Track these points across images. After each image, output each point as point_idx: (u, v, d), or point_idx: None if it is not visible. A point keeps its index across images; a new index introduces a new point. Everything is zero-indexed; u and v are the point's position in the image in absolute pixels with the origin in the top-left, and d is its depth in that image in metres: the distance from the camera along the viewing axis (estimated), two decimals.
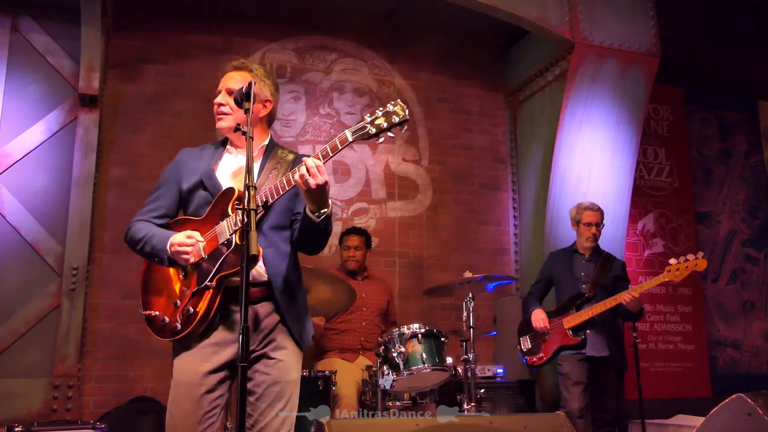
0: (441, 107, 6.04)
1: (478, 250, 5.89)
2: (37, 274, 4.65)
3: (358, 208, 5.64)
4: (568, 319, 4.40)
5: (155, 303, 2.45)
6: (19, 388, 4.45)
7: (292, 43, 5.71)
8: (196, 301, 2.33)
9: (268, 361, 2.37)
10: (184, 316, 2.33)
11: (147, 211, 2.55)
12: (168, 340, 2.37)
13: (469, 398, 3.99)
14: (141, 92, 5.20)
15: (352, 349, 4.51)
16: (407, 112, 2.22)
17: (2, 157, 4.71)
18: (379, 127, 2.20)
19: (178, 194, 2.55)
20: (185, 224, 2.48)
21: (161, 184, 2.59)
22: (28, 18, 4.90)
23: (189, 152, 2.62)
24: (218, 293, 2.31)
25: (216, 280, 2.31)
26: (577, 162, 5.40)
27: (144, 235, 2.45)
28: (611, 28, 5.43)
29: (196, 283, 2.35)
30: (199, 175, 2.50)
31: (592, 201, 4.79)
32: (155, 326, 2.42)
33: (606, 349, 4.37)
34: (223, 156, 2.56)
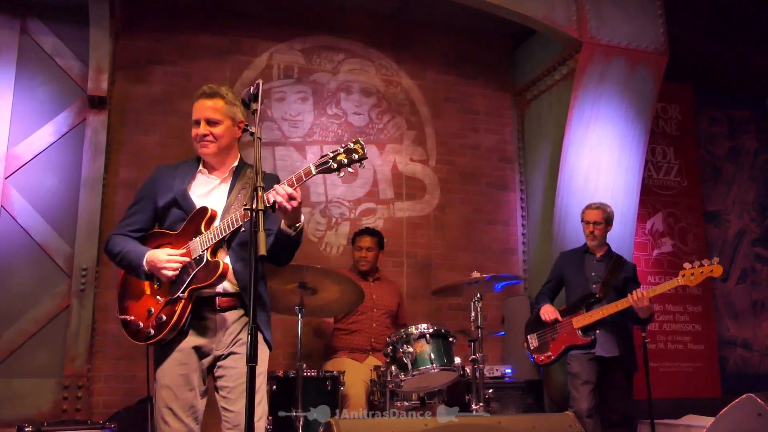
0: (448, 107, 6.03)
1: (486, 250, 5.88)
2: (46, 275, 4.68)
3: (366, 208, 5.64)
4: (578, 318, 4.39)
5: (131, 308, 2.65)
6: (30, 388, 4.48)
7: (300, 43, 5.72)
8: (169, 310, 2.54)
9: (236, 356, 2.57)
10: (157, 323, 2.53)
11: (125, 225, 2.76)
12: (142, 344, 2.58)
13: (477, 398, 3.98)
14: (149, 93, 5.22)
15: (361, 350, 4.52)
16: (366, 150, 2.47)
17: (12, 158, 4.74)
18: (340, 162, 2.44)
19: (154, 210, 2.75)
20: (160, 237, 2.70)
21: (138, 199, 2.79)
22: (36, 20, 4.92)
23: (164, 170, 2.82)
24: (189, 303, 2.53)
25: (188, 292, 2.53)
26: (585, 161, 5.39)
27: (120, 249, 2.67)
28: (619, 26, 5.42)
29: (168, 293, 2.56)
30: (174, 194, 2.69)
31: (600, 200, 4.78)
32: (130, 330, 2.62)
33: (616, 349, 4.35)
34: (196, 176, 2.75)
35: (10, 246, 4.63)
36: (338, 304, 4.23)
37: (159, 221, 2.77)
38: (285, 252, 2.66)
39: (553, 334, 4.48)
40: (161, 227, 2.75)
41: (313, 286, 3.95)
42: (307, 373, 3.92)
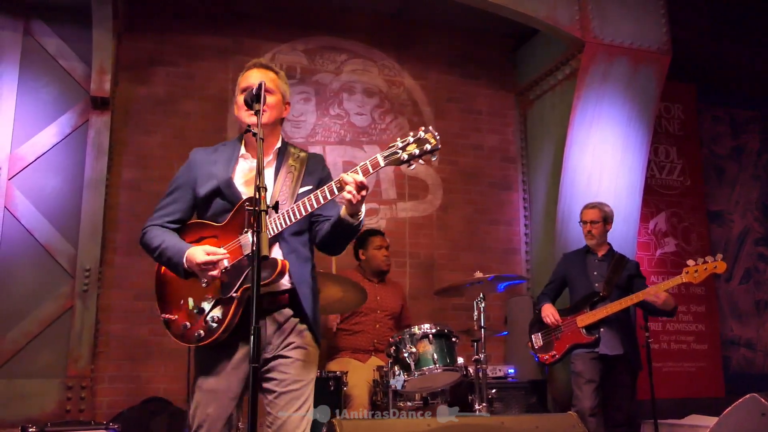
0: (450, 107, 6.03)
1: (489, 250, 5.88)
2: (50, 276, 4.68)
3: (369, 208, 5.63)
4: (582, 317, 4.39)
5: (175, 307, 2.44)
6: (33, 389, 4.49)
7: (302, 44, 5.72)
8: (221, 310, 2.33)
9: (286, 360, 2.38)
10: (207, 324, 2.33)
11: (161, 215, 2.52)
12: (189, 346, 2.40)
13: (480, 398, 3.98)
14: (152, 94, 5.23)
15: (364, 350, 4.52)
16: (438, 139, 2.29)
17: (16, 159, 4.75)
18: (411, 154, 2.28)
19: (193, 198, 2.52)
20: (203, 229, 2.48)
21: (175, 187, 2.56)
22: (40, 21, 4.93)
23: (202, 153, 2.58)
24: (242, 303, 2.32)
25: (241, 291, 2.32)
26: (588, 161, 5.38)
27: (159, 244, 2.44)
28: (622, 26, 5.41)
29: (220, 292, 2.35)
30: (217, 183, 2.47)
31: (603, 200, 4.78)
32: (175, 331, 2.42)
33: (620, 347, 4.35)
34: (238, 161, 2.54)
35: (14, 247, 4.64)
36: (341, 304, 4.23)
37: (199, 210, 2.55)
38: (341, 240, 2.47)
39: (557, 333, 4.48)
40: (201, 217, 2.53)
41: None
42: None
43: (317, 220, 2.51)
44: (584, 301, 4.45)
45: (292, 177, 2.49)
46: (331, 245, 2.50)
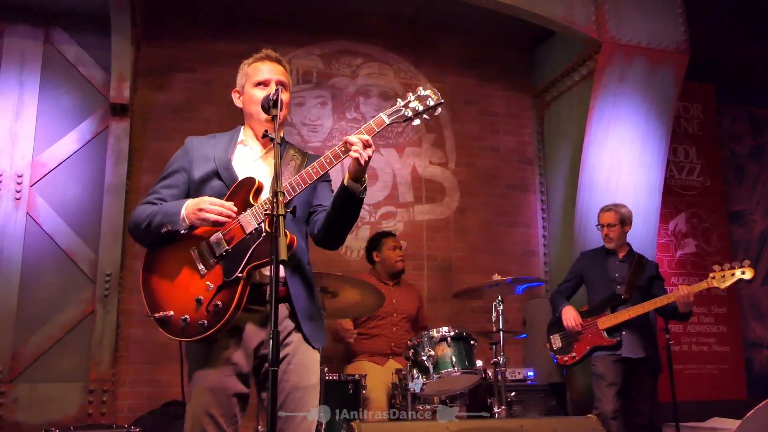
0: (467, 109, 6.02)
1: (507, 253, 5.86)
2: (71, 281, 4.74)
3: (386, 211, 5.65)
4: (604, 320, 4.35)
5: (169, 302, 2.28)
6: (56, 393, 4.54)
7: (318, 48, 5.75)
8: (225, 295, 2.21)
9: (287, 367, 2.27)
10: (211, 312, 2.20)
11: (154, 198, 2.43)
12: (193, 339, 2.23)
13: (499, 401, 3.97)
14: (170, 100, 5.28)
15: (382, 353, 4.52)
16: (440, 95, 2.28)
17: (37, 166, 4.81)
18: (415, 110, 2.27)
19: (188, 183, 2.45)
20: None
21: (170, 172, 2.48)
22: (60, 30, 5.00)
23: (198, 140, 2.54)
24: (247, 286, 2.21)
25: (246, 271, 2.21)
26: (606, 162, 5.35)
27: (153, 210, 2.34)
28: (638, 26, 5.38)
29: (222, 276, 2.23)
30: (215, 165, 2.41)
31: (622, 201, 4.75)
32: (173, 327, 2.25)
33: (642, 350, 4.32)
34: (236, 148, 2.50)
35: (36, 252, 4.70)
36: (359, 307, 4.24)
37: (193, 196, 2.40)
38: (344, 220, 2.38)
39: (576, 335, 4.44)
40: None
41: (333, 289, 3.98)
42: (329, 376, 3.94)
43: (315, 209, 2.47)
44: (605, 303, 4.41)
45: (294, 165, 2.46)
46: (333, 228, 2.40)
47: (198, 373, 2.28)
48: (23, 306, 4.60)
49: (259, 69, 2.52)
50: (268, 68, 2.52)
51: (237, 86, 2.60)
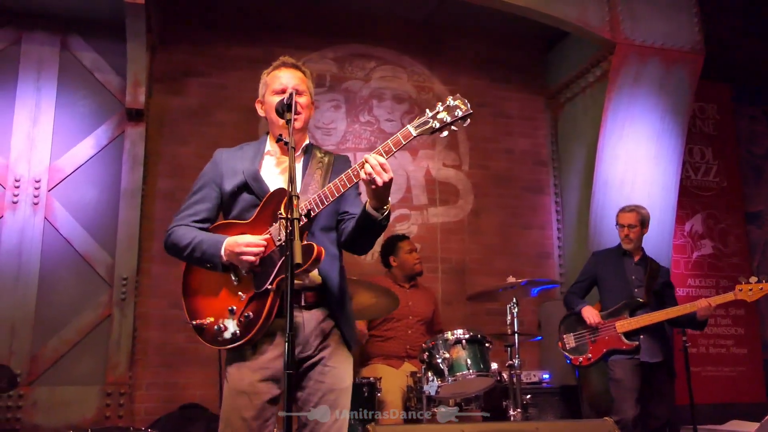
0: (481, 111, 6.01)
1: (522, 255, 5.84)
2: (89, 285, 4.78)
3: (400, 214, 5.65)
4: (622, 323, 4.31)
5: (205, 310, 2.34)
6: (74, 396, 4.58)
7: (331, 52, 5.77)
8: (256, 306, 2.24)
9: (323, 368, 2.30)
10: (243, 322, 2.24)
11: (186, 215, 2.45)
12: (226, 348, 2.29)
13: (514, 404, 3.96)
14: (185, 105, 5.32)
15: (397, 356, 4.52)
16: (469, 105, 2.25)
17: (54, 171, 4.86)
18: (442, 121, 2.24)
19: (219, 197, 2.46)
20: (231, 228, 2.38)
21: (201, 185, 2.50)
22: (76, 36, 5.05)
23: (227, 152, 2.54)
24: (277, 297, 2.23)
25: (276, 283, 2.23)
26: (620, 163, 5.33)
27: (191, 239, 2.36)
28: (653, 26, 5.35)
29: (253, 287, 2.26)
30: (243, 177, 2.41)
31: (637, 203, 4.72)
32: (208, 335, 2.31)
33: (660, 354, 4.29)
34: (264, 158, 2.50)
35: (54, 257, 4.74)
36: (374, 309, 4.24)
37: (225, 210, 2.46)
38: (367, 237, 2.39)
39: (592, 336, 4.40)
40: (227, 217, 2.45)
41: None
42: None
43: (343, 218, 2.47)
44: (624, 307, 4.37)
45: (320, 173, 2.45)
46: (358, 243, 2.42)
47: (233, 377, 2.30)
48: (41, 310, 4.65)
49: (277, 77, 2.54)
50: (286, 75, 2.53)
51: (259, 96, 2.61)
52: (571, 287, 4.72)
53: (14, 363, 4.45)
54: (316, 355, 2.33)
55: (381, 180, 2.19)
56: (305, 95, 2.50)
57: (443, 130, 2.25)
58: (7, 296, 4.59)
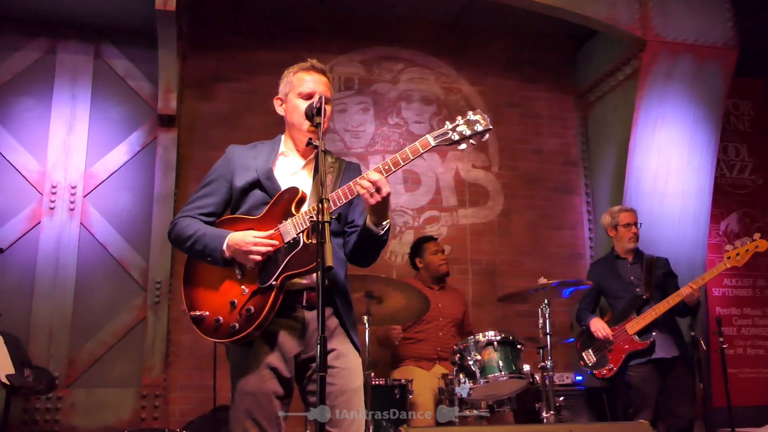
0: (510, 112, 5.98)
1: (553, 256, 5.79)
2: (123, 288, 4.86)
3: (430, 216, 5.65)
4: (631, 324, 4.29)
5: (205, 302, 2.34)
6: (111, 398, 4.66)
7: (359, 55, 5.79)
8: (258, 301, 2.24)
9: (332, 370, 2.26)
10: (243, 317, 2.24)
11: (194, 207, 2.46)
12: (223, 341, 2.28)
13: (547, 406, 3.93)
14: (215, 110, 5.38)
15: (428, 358, 4.51)
16: (489, 121, 2.29)
17: (90, 177, 4.95)
18: (461, 134, 2.28)
19: (229, 192, 2.47)
20: (238, 223, 2.39)
21: (211, 180, 2.50)
22: (109, 44, 5.14)
23: (240, 149, 2.55)
24: (280, 293, 2.25)
25: (281, 280, 2.25)
26: (653, 162, 5.26)
27: (194, 232, 2.36)
28: (684, 22, 5.27)
29: (257, 282, 2.27)
30: (256, 174, 2.43)
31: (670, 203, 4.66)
32: (206, 327, 2.31)
33: (675, 348, 4.26)
34: (278, 158, 2.51)
35: (90, 261, 4.83)
36: (405, 312, 4.24)
37: (234, 206, 2.47)
38: (368, 251, 2.42)
39: (609, 346, 4.36)
40: (236, 212, 2.46)
41: (378, 294, 3.99)
42: (375, 381, 3.95)
43: (350, 228, 2.48)
44: (629, 307, 4.35)
45: (331, 177, 2.46)
46: (360, 256, 2.45)
47: (239, 378, 2.31)
48: (78, 313, 4.73)
49: (304, 80, 2.52)
50: (313, 79, 2.51)
51: (280, 94, 2.60)
52: (580, 302, 4.70)
53: (53, 366, 4.54)
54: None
55: (373, 200, 2.22)
56: (330, 102, 2.51)
57: (461, 143, 2.29)
58: (45, 300, 4.68)
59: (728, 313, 5.87)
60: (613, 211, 4.65)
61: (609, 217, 4.65)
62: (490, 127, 2.29)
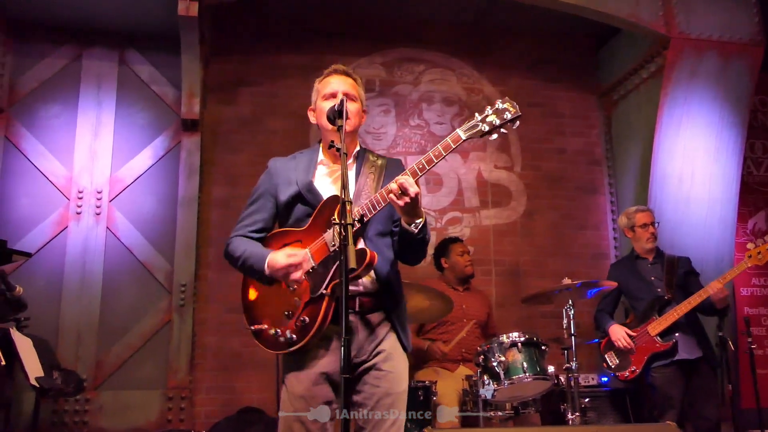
0: (532, 112, 5.95)
1: (577, 256, 5.75)
2: (149, 292, 4.91)
3: (452, 217, 5.63)
4: (653, 325, 4.23)
5: (263, 316, 2.41)
6: (138, 400, 4.72)
7: (380, 57, 5.80)
8: (311, 311, 2.29)
9: (379, 373, 2.32)
10: (298, 327, 2.29)
11: (243, 226, 2.53)
12: (283, 352, 2.33)
13: (573, 408, 3.89)
14: (238, 114, 5.42)
15: (452, 360, 4.50)
16: (518, 108, 2.28)
17: (115, 182, 5.02)
18: (492, 123, 2.28)
19: (275, 206, 2.53)
20: (286, 236, 2.45)
21: (257, 196, 2.57)
22: (133, 51, 5.21)
23: (280, 162, 2.60)
24: (332, 301, 2.27)
25: (331, 288, 2.28)
26: (678, 161, 5.20)
27: (241, 253, 2.44)
28: (709, 19, 5.21)
29: (309, 293, 2.31)
30: (297, 187, 2.47)
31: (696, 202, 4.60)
32: (266, 340, 2.37)
33: (698, 349, 4.19)
34: (317, 167, 2.55)
35: (116, 265, 4.89)
36: (427, 314, 4.24)
37: (281, 219, 2.54)
38: (411, 251, 2.44)
39: (630, 348, 4.31)
40: (283, 225, 2.52)
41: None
42: None
43: (396, 229, 2.48)
44: (650, 308, 4.28)
45: (373, 177, 2.49)
46: (405, 256, 2.49)
47: (290, 381, 2.35)
48: (105, 317, 4.80)
49: (328, 83, 2.58)
50: (336, 81, 2.57)
51: (312, 104, 2.65)
52: (599, 304, 4.64)
53: (80, 368, 4.60)
54: (371, 359, 2.36)
55: (401, 202, 2.23)
56: (356, 101, 2.53)
57: (492, 133, 2.28)
58: (73, 304, 4.75)
59: (757, 312, 5.78)
60: (629, 212, 4.61)
61: (625, 219, 4.61)
62: (519, 113, 2.28)
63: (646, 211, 4.54)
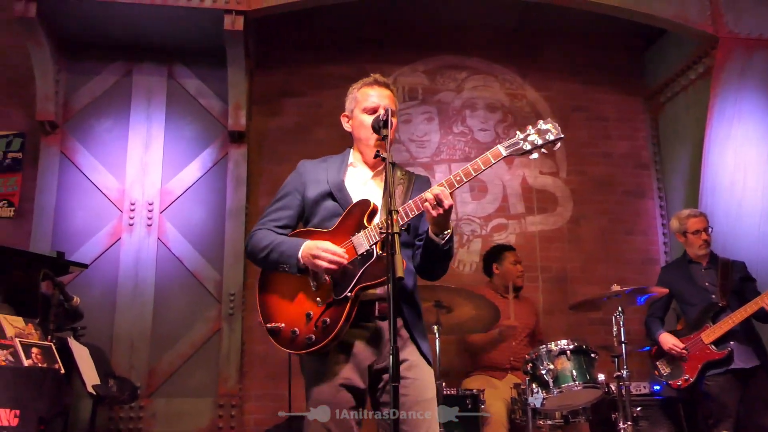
0: (576, 116, 5.89)
1: (626, 262, 5.65)
2: (199, 301, 5.00)
3: (497, 224, 5.60)
4: (707, 333, 4.12)
5: (281, 314, 2.38)
6: (189, 407, 4.79)
7: (422, 65, 5.82)
8: (334, 313, 2.28)
9: (404, 381, 2.27)
10: (319, 328, 2.28)
11: (269, 220, 2.53)
12: (300, 352, 2.32)
13: (624, 417, 3.83)
14: (283, 125, 5.50)
15: (500, 368, 4.47)
16: (560, 129, 2.30)
17: (165, 194, 5.13)
18: (533, 143, 2.30)
19: (302, 205, 2.54)
20: (311, 236, 2.42)
21: (284, 193, 2.57)
22: (181, 65, 5.33)
23: (310, 163, 2.63)
24: (355, 305, 2.28)
25: (355, 292, 2.28)
26: (729, 162, 5.07)
27: (270, 242, 2.42)
28: (758, 17, 5.11)
29: (332, 294, 2.30)
30: (328, 186, 2.49)
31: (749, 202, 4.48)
32: (283, 338, 2.35)
33: (755, 358, 4.07)
34: (348, 170, 2.57)
35: (168, 275, 5.00)
36: (475, 322, 4.22)
37: (306, 218, 2.54)
38: (434, 263, 2.44)
39: (683, 355, 4.21)
40: (308, 225, 2.52)
41: (448, 304, 3.98)
42: (447, 390, 3.94)
43: (419, 242, 2.49)
44: (704, 315, 4.17)
45: (402, 188, 2.50)
46: (427, 268, 2.48)
47: (314, 389, 2.35)
48: (157, 325, 4.89)
49: (368, 95, 2.59)
50: (377, 93, 2.58)
51: (346, 110, 2.68)
52: (649, 309, 4.54)
53: (134, 376, 4.70)
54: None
55: (435, 212, 2.25)
56: (395, 116, 2.53)
57: (533, 152, 2.31)
58: (126, 313, 4.86)
59: None
60: (681, 216, 4.50)
61: (677, 223, 4.50)
62: (561, 135, 2.30)
63: (699, 216, 4.43)
